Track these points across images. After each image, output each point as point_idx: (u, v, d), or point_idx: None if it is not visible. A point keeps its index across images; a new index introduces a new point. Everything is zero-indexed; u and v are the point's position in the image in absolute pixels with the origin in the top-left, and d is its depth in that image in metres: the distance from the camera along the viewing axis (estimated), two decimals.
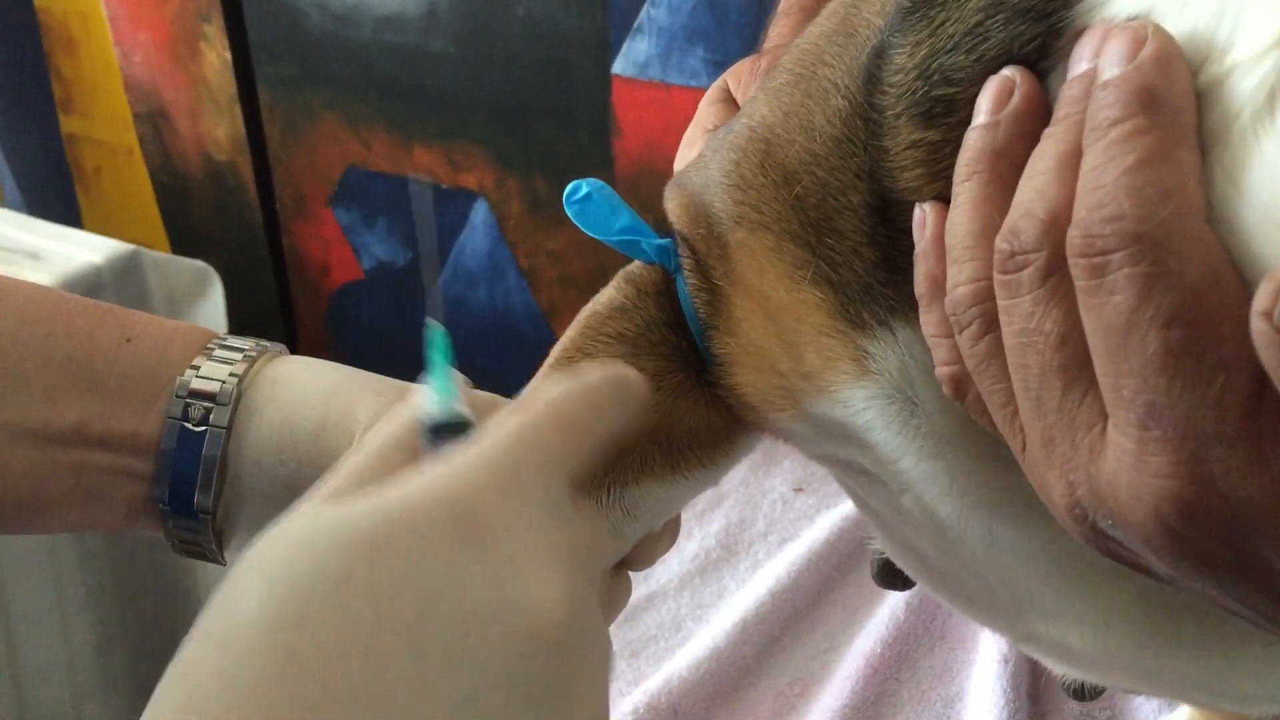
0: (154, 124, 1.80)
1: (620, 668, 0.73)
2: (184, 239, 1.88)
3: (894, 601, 0.74)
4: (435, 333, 0.37)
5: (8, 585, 1.13)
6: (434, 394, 0.36)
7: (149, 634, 1.29)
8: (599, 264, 1.52)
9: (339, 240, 1.74)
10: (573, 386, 0.35)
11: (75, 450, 0.42)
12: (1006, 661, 0.68)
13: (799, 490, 0.86)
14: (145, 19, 1.72)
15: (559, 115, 1.48)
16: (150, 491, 0.44)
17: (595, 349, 0.43)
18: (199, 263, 1.32)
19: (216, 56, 1.68)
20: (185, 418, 0.43)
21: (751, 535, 0.83)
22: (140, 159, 1.85)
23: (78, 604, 1.20)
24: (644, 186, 1.44)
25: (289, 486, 0.43)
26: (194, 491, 0.43)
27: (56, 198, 1.94)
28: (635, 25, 1.37)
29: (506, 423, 0.33)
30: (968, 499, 0.38)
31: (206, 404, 0.43)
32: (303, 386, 0.44)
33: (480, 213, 1.59)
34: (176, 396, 0.43)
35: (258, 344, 0.46)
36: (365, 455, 0.34)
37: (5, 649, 1.15)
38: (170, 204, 1.87)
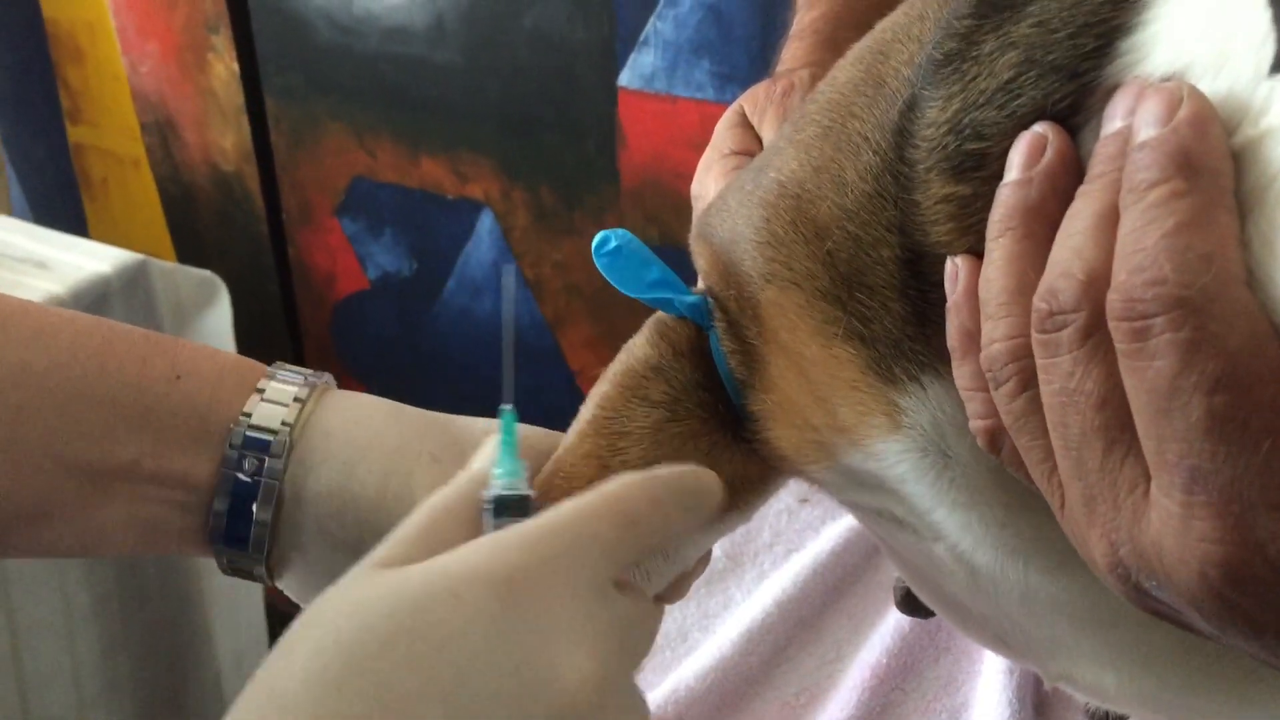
0: (161, 134, 1.81)
1: None
2: (190, 248, 1.88)
3: (899, 612, 0.74)
4: (506, 416, 0.39)
5: (14, 593, 1.13)
6: (500, 472, 0.38)
7: (153, 642, 1.29)
8: (604, 277, 1.52)
9: (345, 250, 1.75)
10: (636, 480, 0.36)
11: (128, 484, 0.43)
12: (1011, 673, 0.68)
13: (805, 501, 0.86)
14: (153, 30, 1.72)
15: (565, 127, 1.48)
16: (203, 524, 0.44)
17: (633, 412, 0.43)
18: (205, 272, 1.32)
19: (224, 67, 1.68)
20: (240, 468, 0.43)
21: (757, 546, 0.83)
22: (147, 169, 1.86)
23: (82, 611, 1.20)
24: (649, 198, 1.45)
25: (351, 548, 0.43)
26: (249, 537, 0.44)
27: (63, 207, 1.94)
28: (641, 38, 1.37)
29: (563, 507, 0.34)
30: (1003, 548, 0.38)
31: (259, 455, 0.43)
32: (358, 446, 0.44)
33: (486, 223, 1.60)
34: (230, 446, 0.44)
35: (307, 378, 0.46)
36: (417, 524, 0.35)
37: (10, 656, 1.15)
38: (177, 213, 1.87)
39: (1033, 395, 0.31)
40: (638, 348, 0.45)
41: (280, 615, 0.89)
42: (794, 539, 0.83)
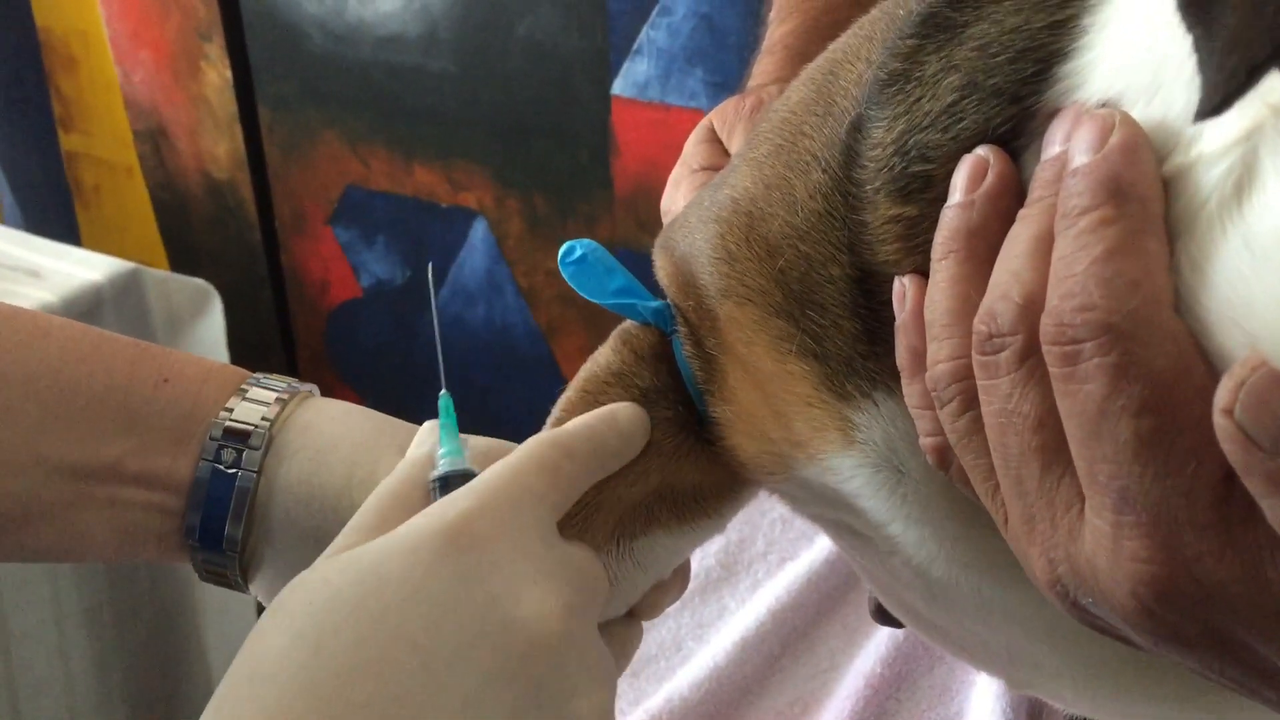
0: (154, 142, 1.81)
1: (621, 687, 0.73)
2: (183, 257, 1.88)
3: None
4: (444, 400, 0.42)
5: (5, 603, 1.13)
6: (443, 452, 0.40)
7: (145, 652, 1.28)
8: None
9: (338, 258, 1.75)
10: (548, 437, 0.39)
11: (111, 486, 0.43)
12: None
13: None
14: (146, 38, 1.72)
15: (558, 135, 1.48)
16: (181, 528, 0.44)
17: None
18: (198, 280, 1.32)
19: (217, 75, 1.68)
20: (218, 459, 0.44)
21: (751, 554, 0.83)
22: (140, 177, 1.86)
23: (74, 622, 1.20)
24: (642, 206, 1.45)
25: (316, 538, 0.44)
26: (224, 531, 0.44)
27: (56, 215, 1.94)
28: (635, 46, 1.38)
29: (493, 468, 0.37)
30: (956, 562, 0.39)
31: (238, 446, 0.44)
32: (331, 437, 0.45)
33: (479, 231, 1.60)
34: (210, 438, 0.44)
35: (290, 385, 0.47)
36: (369, 511, 0.38)
37: (2, 667, 1.14)
38: (170, 222, 1.87)
39: (975, 415, 0.31)
40: (601, 355, 0.45)
41: None
42: (788, 548, 0.83)
